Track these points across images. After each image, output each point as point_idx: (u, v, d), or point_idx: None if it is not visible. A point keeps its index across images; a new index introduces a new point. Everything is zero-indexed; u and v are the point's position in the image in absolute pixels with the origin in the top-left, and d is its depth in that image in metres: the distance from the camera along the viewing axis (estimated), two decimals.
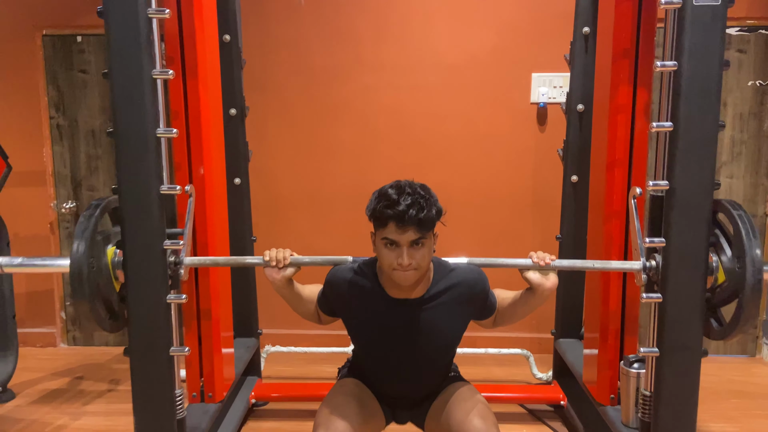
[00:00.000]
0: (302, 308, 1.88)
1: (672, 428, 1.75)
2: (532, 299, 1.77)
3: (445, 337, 1.77)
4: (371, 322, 1.76)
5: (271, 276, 1.78)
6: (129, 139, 1.67)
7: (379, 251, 1.63)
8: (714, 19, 1.59)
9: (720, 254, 1.75)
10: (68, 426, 2.80)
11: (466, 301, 1.76)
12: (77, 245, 1.69)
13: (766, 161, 3.45)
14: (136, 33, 1.63)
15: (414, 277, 1.62)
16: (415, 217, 1.53)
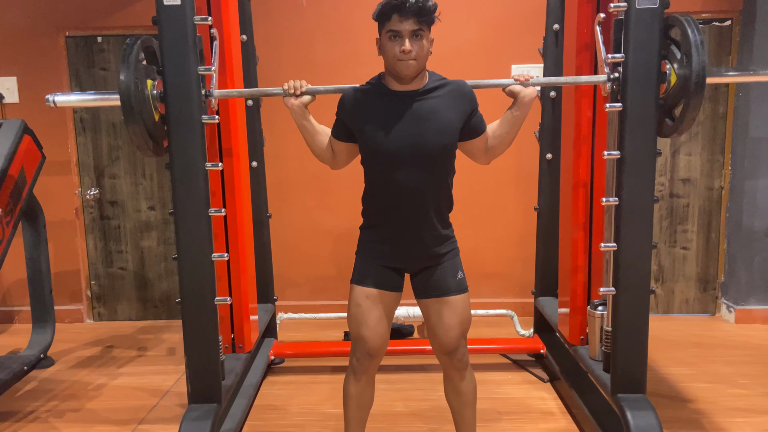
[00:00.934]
0: (318, 141, 2.09)
1: (627, 354, 2.14)
2: (517, 111, 2.02)
3: (441, 125, 1.93)
4: (378, 117, 1.93)
5: (289, 102, 2.05)
6: (180, 125, 2.02)
7: (384, 47, 1.89)
8: (652, 18, 1.96)
9: (673, 62, 2.00)
10: (107, 384, 3.16)
11: (459, 97, 1.96)
12: (124, 74, 1.89)
13: (720, 140, 3.86)
14: (185, 37, 1.98)
15: (414, 67, 1.86)
16: (414, 5, 1.80)
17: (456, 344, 2.05)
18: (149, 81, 2.03)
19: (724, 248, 3.93)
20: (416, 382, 3.08)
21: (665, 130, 2.08)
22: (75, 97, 2.27)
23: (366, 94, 1.99)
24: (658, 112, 2.03)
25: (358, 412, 2.14)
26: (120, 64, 1.94)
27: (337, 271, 4.03)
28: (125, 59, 1.93)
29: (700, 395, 2.88)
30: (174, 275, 4.10)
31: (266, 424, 2.69)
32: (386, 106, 1.94)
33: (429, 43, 1.90)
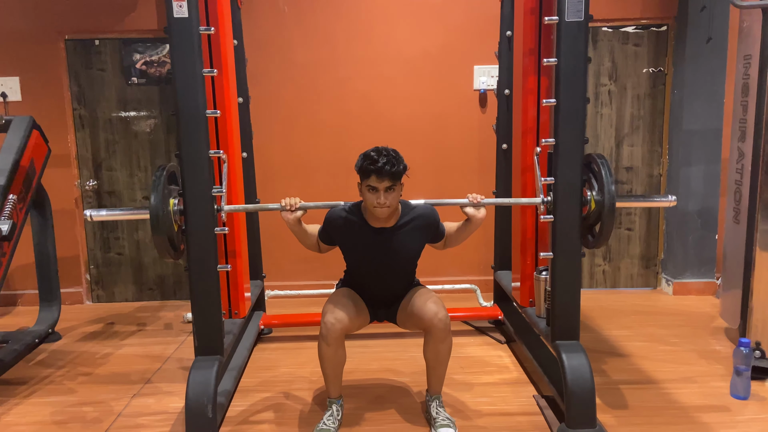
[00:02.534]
0: (307, 241, 2.62)
1: (564, 308, 2.56)
2: (470, 225, 2.57)
3: (409, 252, 2.55)
4: (359, 246, 2.52)
5: (285, 217, 2.51)
6: (187, 118, 2.39)
7: (363, 195, 2.40)
8: (579, 29, 2.38)
9: (591, 190, 2.52)
10: (113, 353, 3.51)
11: (424, 228, 2.54)
12: (154, 198, 2.35)
13: (659, 132, 4.34)
14: (191, 44, 2.35)
15: (388, 212, 2.40)
16: (389, 171, 2.30)
17: (435, 309, 2.45)
18: (171, 200, 2.45)
19: (663, 229, 4.42)
20: (390, 346, 3.49)
21: (588, 244, 2.58)
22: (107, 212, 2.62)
23: (350, 225, 2.50)
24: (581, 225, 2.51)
25: (334, 369, 2.54)
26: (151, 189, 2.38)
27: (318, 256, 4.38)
28: (155, 187, 2.36)
29: (635, 351, 3.34)
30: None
31: (259, 381, 3.08)
32: (366, 238, 2.48)
33: (400, 190, 2.41)
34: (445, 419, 2.50)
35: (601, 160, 2.48)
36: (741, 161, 3.20)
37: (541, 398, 2.80)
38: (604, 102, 4.30)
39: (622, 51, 4.24)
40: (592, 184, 2.52)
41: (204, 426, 2.38)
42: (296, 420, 2.65)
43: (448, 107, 4.28)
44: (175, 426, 2.62)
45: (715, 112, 4.08)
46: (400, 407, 2.74)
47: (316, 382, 3.00)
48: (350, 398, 2.79)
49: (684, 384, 2.92)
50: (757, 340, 2.99)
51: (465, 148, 4.29)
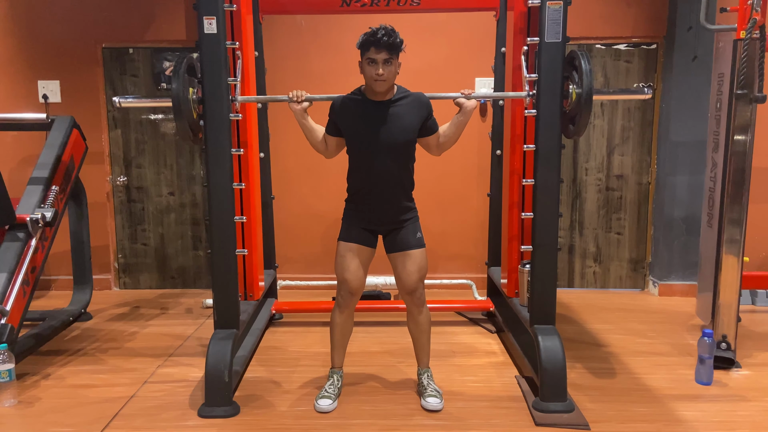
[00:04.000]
0: (314, 136, 2.79)
1: (541, 295, 2.87)
2: (461, 116, 2.73)
3: (404, 126, 2.66)
4: (360, 118, 2.66)
5: (293, 107, 2.73)
6: (214, 121, 2.75)
7: (364, 70, 2.59)
8: (557, 50, 2.71)
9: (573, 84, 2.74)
10: (140, 332, 3.88)
11: (418, 106, 2.70)
12: (176, 83, 2.60)
13: (647, 143, 4.64)
14: (218, 57, 2.72)
15: (385, 84, 2.58)
16: (386, 41, 2.50)
17: (415, 285, 2.78)
18: (191, 89, 2.77)
19: (651, 233, 4.71)
20: (390, 332, 3.82)
21: (569, 133, 2.85)
22: (134, 99, 2.97)
23: (351, 102, 2.74)
24: (562, 118, 2.79)
25: (341, 338, 2.88)
26: (172, 76, 2.68)
27: (327, 250, 4.75)
28: (176, 73, 2.67)
29: (614, 342, 3.63)
30: (189, 251, 4.83)
31: (270, 358, 3.42)
32: (366, 111, 2.68)
33: (397, 66, 2.64)
34: (434, 390, 2.82)
35: (582, 55, 2.68)
36: (714, 170, 3.49)
37: (522, 378, 3.11)
38: (597, 114, 4.61)
39: (614, 67, 4.56)
40: (573, 78, 2.75)
41: (221, 388, 2.72)
42: (301, 389, 2.99)
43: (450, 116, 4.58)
44: (195, 391, 2.97)
45: (699, 125, 4.36)
46: (394, 382, 3.07)
47: (321, 360, 3.33)
48: (351, 374, 3.12)
49: (654, 370, 3.21)
50: (723, 333, 3.28)
51: (465, 154, 4.61)
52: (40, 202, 3.46)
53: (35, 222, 3.33)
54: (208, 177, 2.81)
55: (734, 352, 3.23)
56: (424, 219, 2.90)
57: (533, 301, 2.90)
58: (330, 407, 2.76)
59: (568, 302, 4.44)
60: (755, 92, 3.03)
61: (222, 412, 2.71)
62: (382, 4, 3.68)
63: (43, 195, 3.50)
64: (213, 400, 2.73)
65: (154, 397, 2.93)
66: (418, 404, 2.81)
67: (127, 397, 2.92)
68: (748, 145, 3.17)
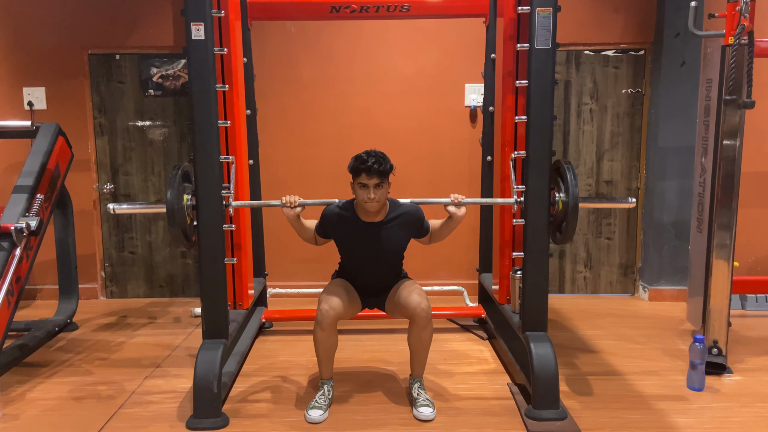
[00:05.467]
0: (305, 234, 2.93)
1: (533, 302, 2.86)
2: (451, 223, 2.86)
3: (395, 245, 2.85)
4: (351, 238, 2.83)
5: (286, 213, 2.83)
6: (202, 127, 2.71)
7: (355, 191, 2.72)
8: (547, 55, 2.70)
9: (559, 192, 2.80)
10: (127, 342, 3.82)
11: (409, 224, 2.85)
12: (170, 193, 2.67)
13: (637, 148, 4.66)
14: (206, 63, 2.68)
15: (377, 206, 2.71)
16: (377, 169, 2.63)
17: (419, 300, 2.76)
18: (185, 196, 2.78)
19: (641, 238, 4.72)
20: (381, 340, 3.79)
21: (556, 240, 2.91)
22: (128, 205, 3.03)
23: (343, 220, 2.81)
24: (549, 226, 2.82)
25: (326, 353, 2.85)
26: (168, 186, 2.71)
27: (318, 257, 4.71)
28: (171, 184, 2.69)
29: (605, 348, 3.62)
30: (177, 259, 4.78)
31: (259, 366, 3.38)
32: (357, 232, 2.80)
33: (387, 187, 2.73)
34: (425, 400, 2.79)
35: (567, 166, 2.77)
36: (704, 175, 3.50)
37: (514, 386, 3.09)
38: (586, 120, 4.62)
39: (603, 73, 4.57)
40: (560, 186, 2.81)
41: (210, 400, 2.68)
42: (292, 399, 2.95)
43: (441, 122, 4.61)
44: (183, 402, 2.92)
45: (688, 131, 4.37)
46: (386, 391, 3.04)
47: (311, 369, 3.30)
48: (342, 383, 3.09)
49: (646, 376, 3.20)
50: (714, 338, 3.28)
51: (456, 159, 4.61)
52: (25, 211, 3.40)
53: (20, 231, 3.26)
54: (196, 186, 2.77)
55: (725, 357, 3.23)
56: None
57: (525, 307, 2.89)
58: (321, 418, 2.72)
59: (559, 308, 4.43)
60: (744, 98, 3.04)
61: (211, 424, 2.66)
62: (371, 10, 3.67)
63: (28, 204, 3.44)
64: (202, 411, 2.68)
65: (141, 409, 2.88)
66: (410, 413, 2.78)
67: (113, 409, 2.87)
68: (737, 150, 3.18)
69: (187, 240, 2.83)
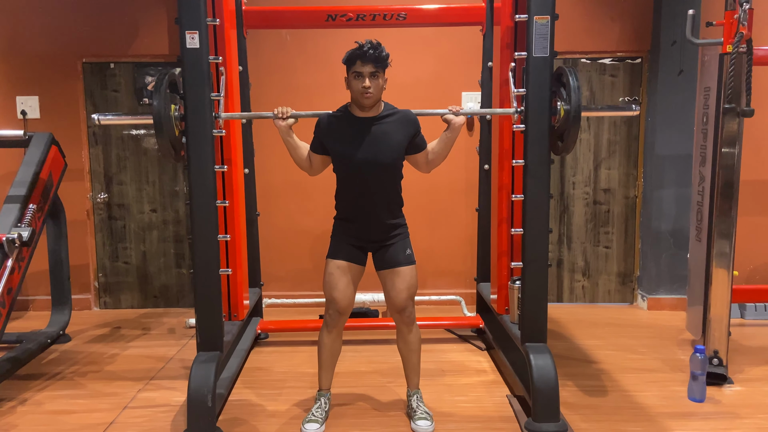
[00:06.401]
0: (299, 153, 2.73)
1: (532, 312, 2.82)
2: (449, 133, 2.69)
3: (392, 143, 2.61)
4: (346, 136, 2.61)
5: (278, 124, 2.66)
6: (197, 137, 2.68)
7: (350, 84, 2.56)
8: (545, 64, 2.67)
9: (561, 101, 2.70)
10: (120, 354, 3.77)
11: (405, 123, 2.66)
12: (157, 100, 2.52)
13: (634, 156, 4.64)
14: (201, 71, 2.65)
15: (372, 98, 2.54)
16: (373, 54, 2.49)
17: (405, 304, 2.71)
18: (173, 105, 2.70)
19: (639, 247, 4.69)
20: (379, 350, 3.74)
21: (558, 149, 2.82)
22: (114, 116, 2.90)
23: (337, 119, 2.69)
24: (551, 134, 2.75)
25: (329, 359, 2.80)
26: (153, 92, 2.59)
27: (315, 266, 4.68)
28: (157, 89, 2.58)
29: (604, 358, 3.59)
30: (171, 269, 4.73)
31: (255, 379, 3.33)
32: (352, 129, 2.63)
33: (383, 81, 2.60)
34: (424, 413, 2.75)
35: (569, 72, 2.64)
36: (702, 184, 3.48)
37: (513, 397, 3.05)
38: (583, 128, 4.60)
39: (599, 81, 4.56)
40: (561, 94, 2.71)
41: (204, 413, 2.63)
42: (288, 412, 2.91)
43: (438, 131, 4.54)
44: (177, 416, 2.87)
45: (685, 139, 4.36)
46: (383, 403, 2.99)
47: (308, 381, 3.25)
48: (339, 395, 3.04)
49: (646, 387, 3.17)
50: (715, 348, 3.25)
51: (452, 169, 4.57)
52: (17, 221, 3.36)
53: (11, 242, 3.22)
54: (190, 195, 2.73)
55: (726, 367, 3.20)
56: (412, 234, 2.84)
57: (524, 318, 2.85)
58: (318, 431, 2.67)
59: (557, 317, 4.39)
60: (743, 106, 3.03)
61: None
62: (368, 18, 3.65)
63: (20, 214, 3.40)
64: (195, 426, 2.63)
65: (134, 423, 2.82)
66: (408, 427, 2.74)
67: (106, 423, 2.82)
68: (736, 158, 3.17)
69: (175, 152, 2.70)
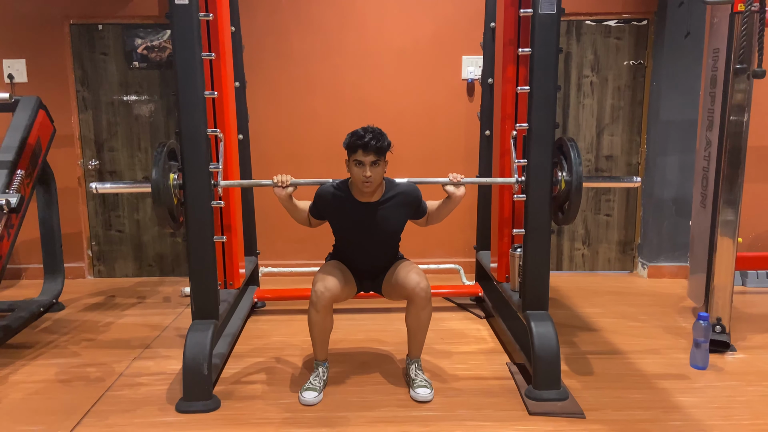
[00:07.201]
0: (298, 215, 2.81)
1: (534, 280, 2.76)
2: (450, 203, 2.75)
3: (392, 226, 2.74)
4: (346, 219, 2.71)
5: (278, 193, 2.70)
6: (187, 100, 2.57)
7: (351, 170, 2.60)
8: (552, 22, 2.56)
9: (562, 171, 2.73)
10: (115, 322, 3.71)
11: (406, 204, 2.73)
12: (155, 172, 2.53)
13: (638, 123, 4.54)
14: (191, 29, 2.53)
15: (373, 186, 2.59)
16: (374, 146, 2.51)
17: (417, 279, 2.64)
18: (171, 175, 2.63)
19: (640, 215, 4.63)
20: (376, 319, 3.70)
21: (558, 221, 2.79)
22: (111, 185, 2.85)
23: (338, 200, 2.69)
24: (552, 204, 2.71)
25: (321, 335, 2.74)
26: (153, 163, 2.56)
27: (311, 235, 4.58)
28: (157, 162, 2.54)
29: (605, 326, 3.55)
30: (166, 238, 4.65)
31: (252, 347, 3.29)
32: (353, 213, 2.68)
33: (384, 166, 2.60)
34: (423, 380, 2.71)
35: (570, 143, 2.67)
36: (708, 149, 3.39)
37: (513, 365, 3.01)
38: (587, 93, 4.49)
39: (604, 44, 4.44)
40: (562, 165, 2.72)
41: (200, 382, 2.58)
42: (286, 381, 2.86)
43: (437, 96, 4.46)
44: (172, 384, 2.83)
45: (691, 104, 4.27)
46: (382, 372, 2.95)
47: (305, 349, 3.20)
48: (336, 364, 3.00)
49: (647, 355, 3.13)
50: (718, 316, 3.20)
51: (452, 134, 4.48)
52: (5, 187, 3.27)
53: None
54: (182, 160, 2.64)
55: (729, 335, 3.16)
56: None
57: (525, 286, 2.79)
58: (315, 400, 2.63)
59: (557, 286, 4.35)
60: (754, 67, 2.92)
61: (201, 407, 2.57)
62: None
63: (8, 180, 3.31)
64: (192, 394, 2.59)
65: (129, 391, 2.78)
66: (407, 395, 2.70)
67: (100, 391, 2.77)
68: (744, 122, 3.08)
69: (174, 221, 2.70)
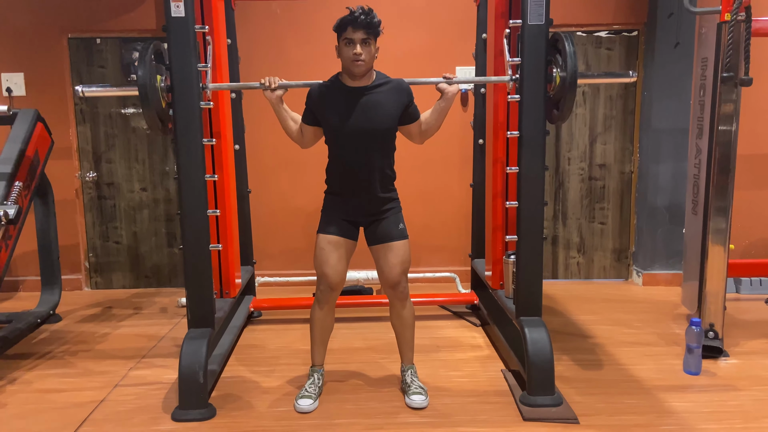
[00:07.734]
0: (290, 125, 2.68)
1: (527, 286, 2.79)
2: (443, 102, 2.62)
3: (384, 113, 2.54)
4: (337, 106, 2.54)
5: (267, 95, 2.61)
6: (184, 109, 2.61)
7: (341, 51, 2.48)
8: (540, 32, 2.61)
9: (557, 67, 2.66)
10: (111, 333, 3.73)
11: (398, 92, 2.58)
12: (141, 70, 2.42)
13: (630, 131, 4.59)
14: (187, 41, 2.57)
15: (363, 66, 2.46)
16: (364, 20, 2.40)
17: (398, 279, 2.67)
18: (159, 76, 2.62)
19: (635, 223, 4.66)
20: (373, 327, 3.71)
21: (553, 118, 2.76)
22: (99, 88, 2.81)
23: (328, 89, 2.61)
24: (546, 103, 2.69)
25: (322, 335, 2.77)
26: (138, 63, 2.51)
27: (308, 244, 4.61)
28: (142, 60, 2.51)
29: (600, 333, 3.57)
30: (163, 249, 4.67)
31: (248, 357, 3.30)
32: (343, 99, 2.56)
33: (375, 49, 2.53)
34: (418, 387, 2.72)
35: (566, 38, 2.59)
36: (699, 156, 3.43)
37: (508, 372, 3.03)
38: (579, 102, 4.54)
39: (595, 54, 4.49)
40: (557, 61, 2.66)
41: (196, 390, 2.60)
42: (281, 389, 2.88)
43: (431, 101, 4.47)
44: (168, 393, 2.84)
45: (682, 113, 4.31)
46: (377, 379, 2.97)
47: (301, 359, 3.21)
48: (332, 371, 3.01)
49: (641, 361, 3.15)
50: (710, 322, 3.23)
51: (447, 144, 4.51)
52: (3, 199, 3.29)
53: None
54: (178, 168, 2.67)
55: (722, 340, 3.18)
56: (406, 211, 2.79)
57: (519, 292, 2.82)
58: (311, 407, 2.65)
59: (552, 294, 4.37)
60: (741, 75, 2.97)
61: (197, 415, 2.58)
62: None
63: (6, 191, 3.33)
64: (187, 402, 2.60)
65: (125, 400, 2.79)
66: (402, 402, 2.71)
67: (96, 401, 2.78)
68: (733, 130, 3.12)
69: (162, 124, 2.62)
